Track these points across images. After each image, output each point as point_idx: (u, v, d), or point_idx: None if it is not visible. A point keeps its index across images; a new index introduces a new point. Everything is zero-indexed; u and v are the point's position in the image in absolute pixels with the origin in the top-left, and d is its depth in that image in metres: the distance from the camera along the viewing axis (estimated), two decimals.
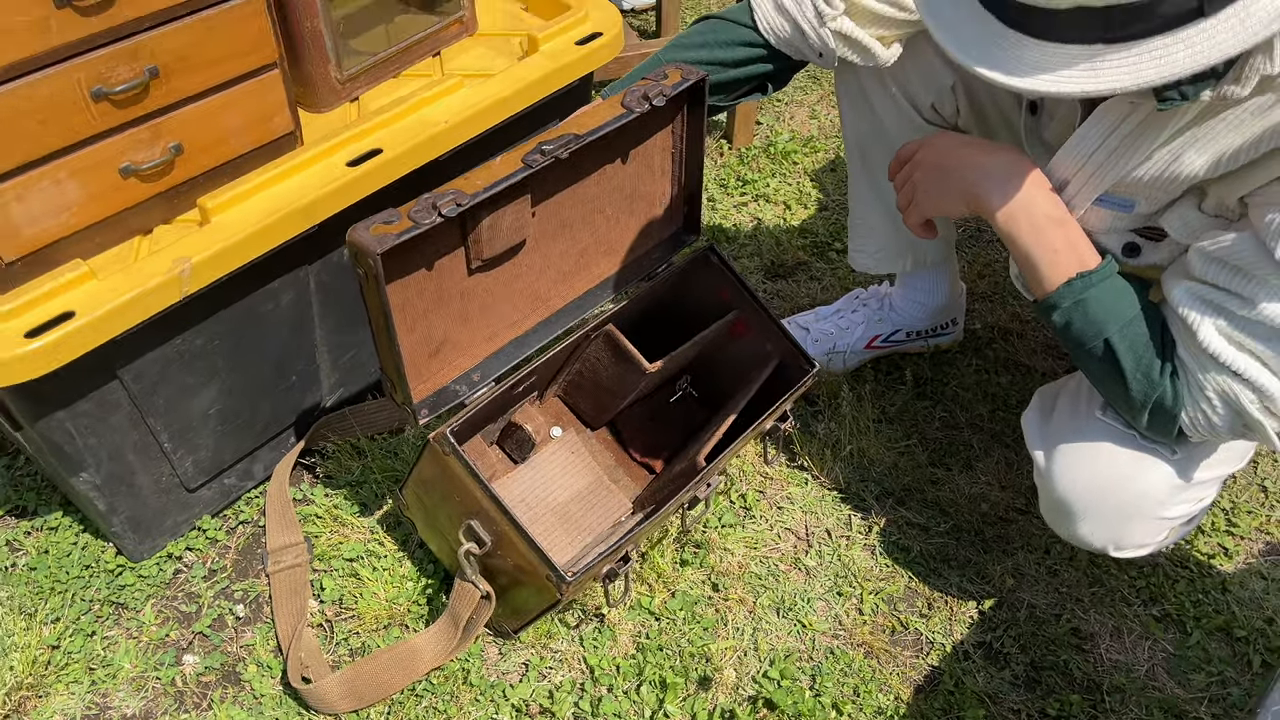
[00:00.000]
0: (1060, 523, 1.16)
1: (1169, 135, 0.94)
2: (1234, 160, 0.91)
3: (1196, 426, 1.01)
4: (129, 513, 1.30)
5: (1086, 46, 0.80)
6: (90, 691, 1.26)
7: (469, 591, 1.18)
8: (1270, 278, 0.91)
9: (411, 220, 0.99)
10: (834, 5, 1.16)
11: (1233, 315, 0.95)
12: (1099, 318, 1.02)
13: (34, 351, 1.03)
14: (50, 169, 1.07)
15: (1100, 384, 1.07)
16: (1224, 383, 0.97)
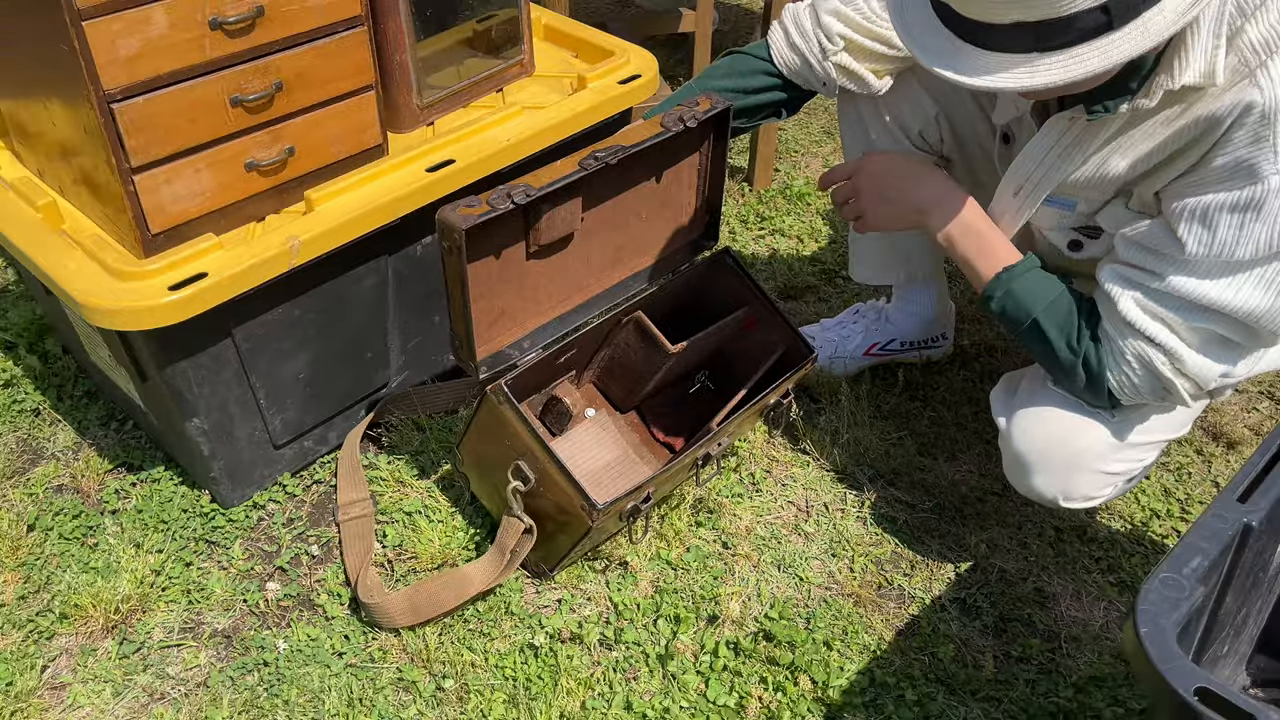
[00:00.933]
0: (1018, 477, 1.36)
1: (1099, 144, 1.17)
2: (1148, 161, 1.14)
3: (1123, 389, 1.23)
4: (226, 460, 1.53)
5: (1024, 55, 1.01)
6: (187, 610, 1.47)
7: (514, 525, 1.39)
8: (1176, 255, 1.13)
9: (489, 205, 1.23)
10: (835, 42, 1.40)
11: (1147, 288, 1.16)
12: (1026, 302, 1.26)
13: (175, 302, 1.27)
14: (193, 159, 1.33)
15: (1040, 359, 1.29)
16: (1140, 347, 1.18)
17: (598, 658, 1.40)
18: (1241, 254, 1.10)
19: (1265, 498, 1.02)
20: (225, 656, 1.41)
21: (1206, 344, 1.18)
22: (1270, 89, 1.03)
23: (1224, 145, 1.07)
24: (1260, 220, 1.07)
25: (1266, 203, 1.06)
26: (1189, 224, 1.11)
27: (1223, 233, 1.10)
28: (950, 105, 1.51)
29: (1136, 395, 1.23)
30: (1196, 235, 1.11)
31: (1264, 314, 1.13)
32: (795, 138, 2.59)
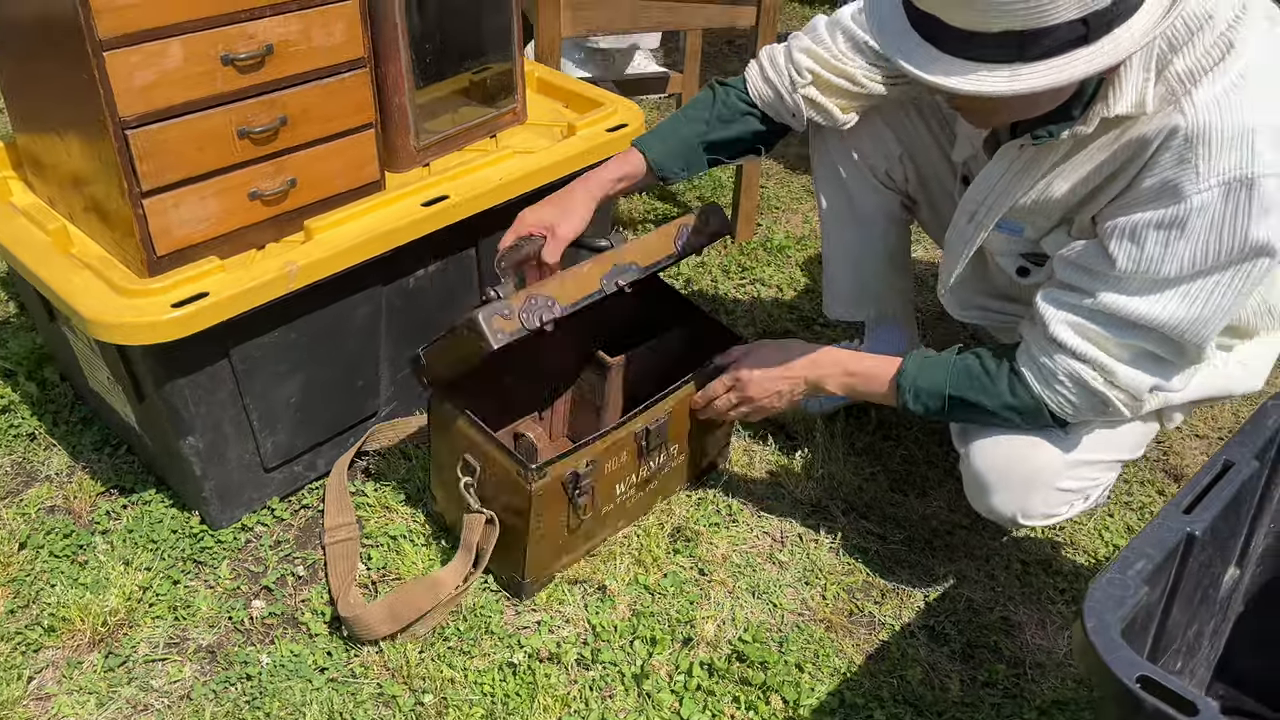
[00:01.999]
0: (978, 497, 1.42)
1: (1044, 170, 1.26)
2: (1086, 184, 1.23)
3: (1062, 409, 1.30)
4: (218, 480, 1.57)
5: (1007, 65, 1.07)
6: (173, 625, 1.50)
7: (474, 520, 1.45)
8: (1107, 272, 1.21)
9: (522, 324, 1.33)
10: (803, 76, 1.49)
11: (1078, 307, 1.24)
12: (931, 385, 1.38)
13: (176, 319, 1.33)
14: (200, 186, 1.40)
15: (979, 421, 1.39)
16: (1070, 365, 1.26)
17: (575, 676, 1.43)
18: (1167, 270, 1.17)
19: (1208, 511, 1.08)
20: (209, 671, 1.44)
21: (1136, 359, 1.25)
22: (1193, 114, 1.11)
23: (1151, 167, 1.16)
24: (1184, 238, 1.15)
25: (1190, 221, 1.14)
26: (1119, 241, 1.19)
27: (1150, 249, 1.17)
28: (914, 145, 1.60)
29: (1077, 413, 1.31)
30: (1126, 251, 1.19)
31: (1188, 328, 1.20)
32: (776, 194, 2.69)
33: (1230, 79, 1.12)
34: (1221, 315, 1.21)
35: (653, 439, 1.52)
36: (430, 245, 1.64)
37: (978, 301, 1.55)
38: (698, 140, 1.56)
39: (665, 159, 1.55)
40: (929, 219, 1.71)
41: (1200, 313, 1.19)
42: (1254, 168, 1.12)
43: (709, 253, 2.42)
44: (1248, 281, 1.20)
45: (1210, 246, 1.16)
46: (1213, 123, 1.12)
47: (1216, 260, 1.17)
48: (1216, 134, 1.12)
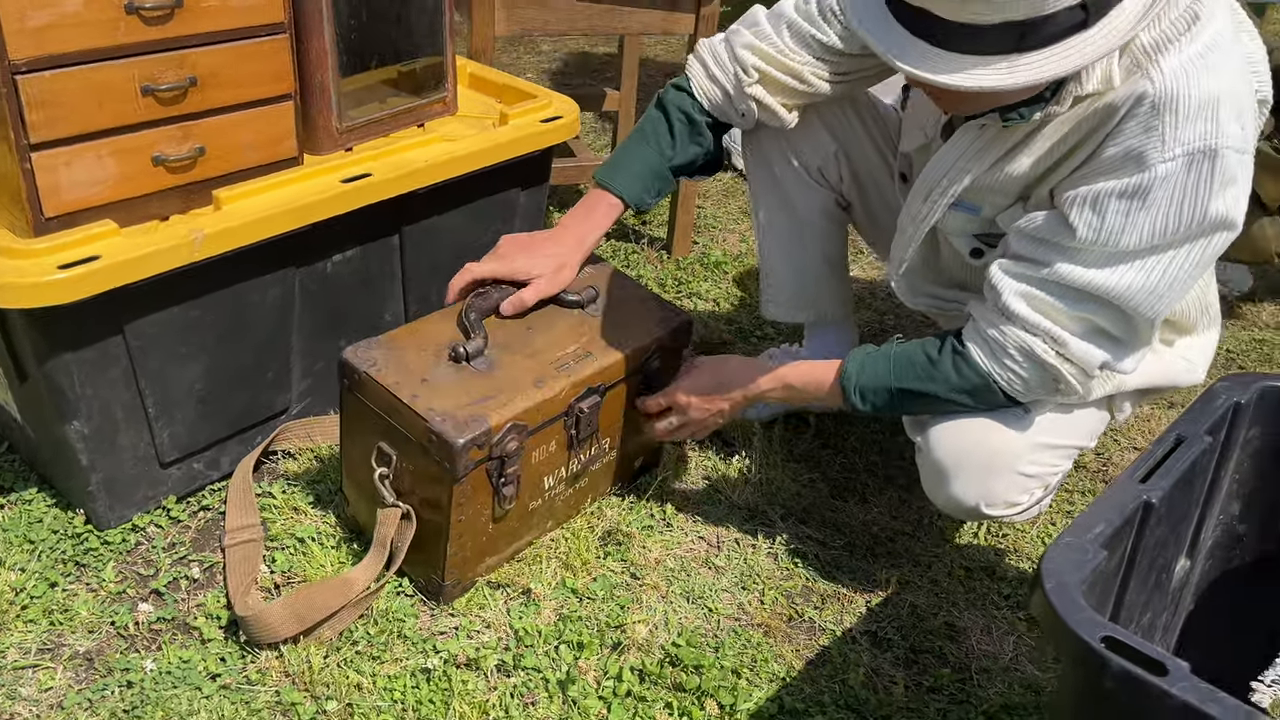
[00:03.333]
0: (937, 487, 1.36)
1: (1007, 148, 1.22)
2: (1050, 156, 1.19)
3: (1013, 384, 1.25)
4: (106, 473, 1.44)
5: (1004, 56, 1.04)
6: (47, 631, 1.35)
7: (389, 514, 1.35)
8: (1066, 242, 1.17)
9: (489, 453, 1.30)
10: (750, 74, 1.44)
11: (1032, 278, 1.20)
12: (875, 381, 1.33)
13: (63, 280, 1.22)
14: (96, 145, 1.29)
15: (933, 411, 1.35)
16: (1021, 337, 1.21)
17: (495, 683, 1.32)
18: (1127, 242, 1.14)
19: (1164, 479, 1.03)
20: (85, 678, 1.30)
21: (1088, 332, 1.21)
22: (1161, 81, 1.09)
23: (1116, 135, 1.13)
24: (1145, 209, 1.12)
25: (1153, 191, 1.11)
26: (1080, 210, 1.15)
27: (1111, 219, 1.14)
28: (849, 143, 1.57)
29: (1027, 389, 1.26)
30: (1087, 221, 1.15)
31: (1143, 299, 1.17)
32: (714, 214, 2.66)
33: (1197, 48, 1.10)
34: (1177, 289, 1.18)
35: (582, 427, 1.43)
36: (350, 229, 1.55)
37: (929, 289, 1.50)
38: (664, 166, 1.49)
39: (640, 193, 1.49)
40: (863, 220, 1.68)
41: (1156, 284, 1.16)
42: (1217, 139, 1.10)
43: (644, 265, 2.37)
44: (1205, 255, 1.17)
45: (1171, 218, 1.13)
46: (1180, 90, 1.09)
47: (1176, 233, 1.14)
48: (1184, 101, 1.09)
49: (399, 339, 1.41)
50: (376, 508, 1.39)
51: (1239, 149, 1.10)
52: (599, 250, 2.37)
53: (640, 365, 1.51)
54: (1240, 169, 1.11)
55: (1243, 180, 1.13)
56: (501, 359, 1.40)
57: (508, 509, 1.41)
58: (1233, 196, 1.12)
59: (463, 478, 1.30)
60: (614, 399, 1.49)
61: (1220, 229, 1.14)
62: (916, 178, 1.40)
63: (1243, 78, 1.12)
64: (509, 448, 1.33)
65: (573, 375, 1.40)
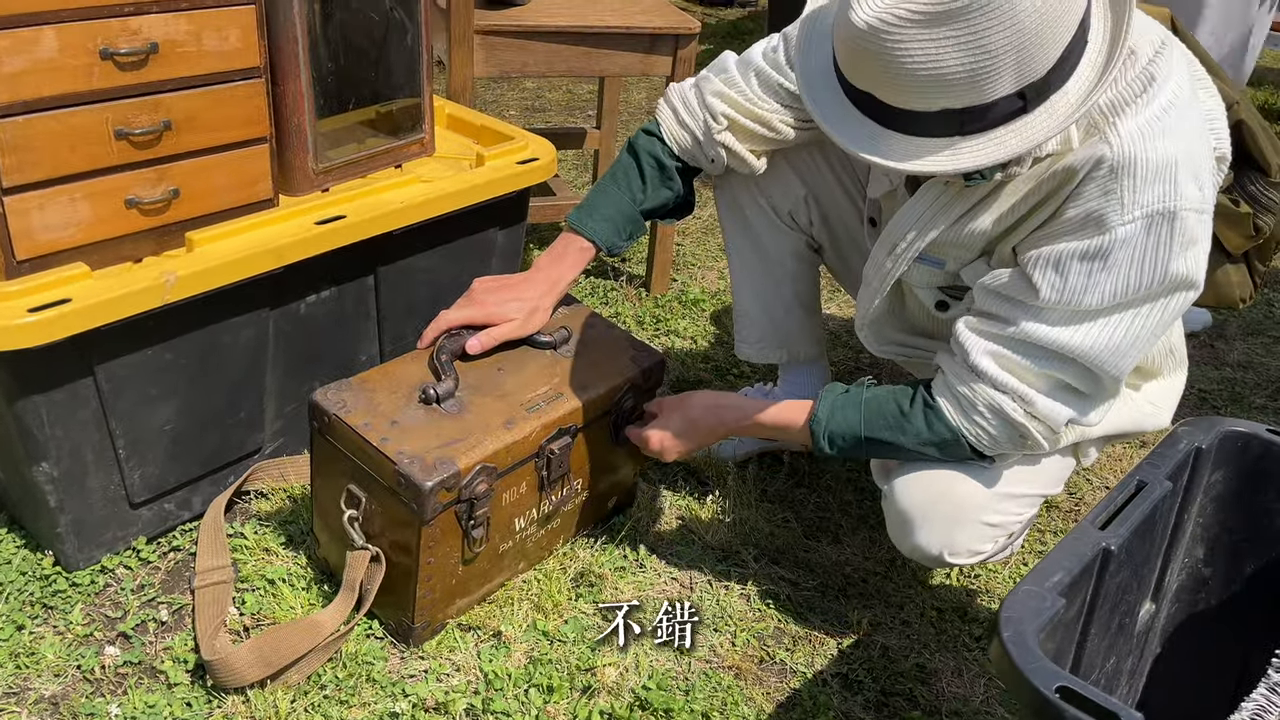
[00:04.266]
0: (901, 535, 1.36)
1: (970, 205, 1.23)
2: (1012, 214, 1.20)
3: (980, 440, 1.26)
4: (75, 514, 1.43)
5: (946, 139, 1.07)
6: (13, 674, 1.34)
7: (359, 557, 1.35)
8: (1030, 301, 1.18)
9: (459, 496, 1.30)
10: (719, 121, 1.46)
11: (998, 336, 1.21)
12: (845, 429, 1.34)
13: (33, 324, 1.22)
14: (69, 188, 1.30)
15: (898, 458, 1.36)
16: (989, 395, 1.22)
17: None
18: (1089, 301, 1.15)
19: (1123, 527, 1.04)
20: None
21: (1054, 390, 1.22)
22: (1119, 144, 1.10)
23: (1076, 198, 1.14)
24: (1107, 270, 1.13)
25: (1113, 253, 1.12)
26: (1043, 271, 1.17)
27: (1073, 280, 1.15)
28: (818, 188, 1.58)
29: (995, 444, 1.26)
30: (1050, 281, 1.16)
31: (1107, 358, 1.18)
32: (693, 252, 2.68)
33: (1154, 110, 1.12)
34: (1140, 346, 1.19)
35: (554, 468, 1.44)
36: (324, 270, 1.56)
37: (895, 337, 1.51)
38: (635, 210, 1.51)
39: (613, 237, 1.49)
40: (834, 262, 1.69)
41: (1120, 343, 1.17)
42: (1176, 201, 1.11)
43: (622, 303, 2.38)
44: (1166, 313, 1.19)
45: (1132, 279, 1.15)
46: (1137, 154, 1.11)
47: (1137, 292, 1.15)
48: (1141, 165, 1.11)
49: (370, 380, 1.41)
50: (346, 549, 1.39)
51: (1198, 209, 1.12)
52: (575, 289, 2.39)
53: (613, 405, 1.51)
54: (1200, 228, 1.13)
55: (1203, 240, 1.15)
56: (472, 401, 1.40)
57: (478, 551, 1.41)
58: (1193, 256, 1.14)
59: (431, 520, 1.30)
60: (586, 439, 1.49)
61: (1181, 288, 1.16)
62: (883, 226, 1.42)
63: (1200, 137, 1.14)
64: (478, 490, 1.33)
65: (543, 416, 1.40)
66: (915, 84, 1.02)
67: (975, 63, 1.00)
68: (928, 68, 1.01)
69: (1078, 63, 1.06)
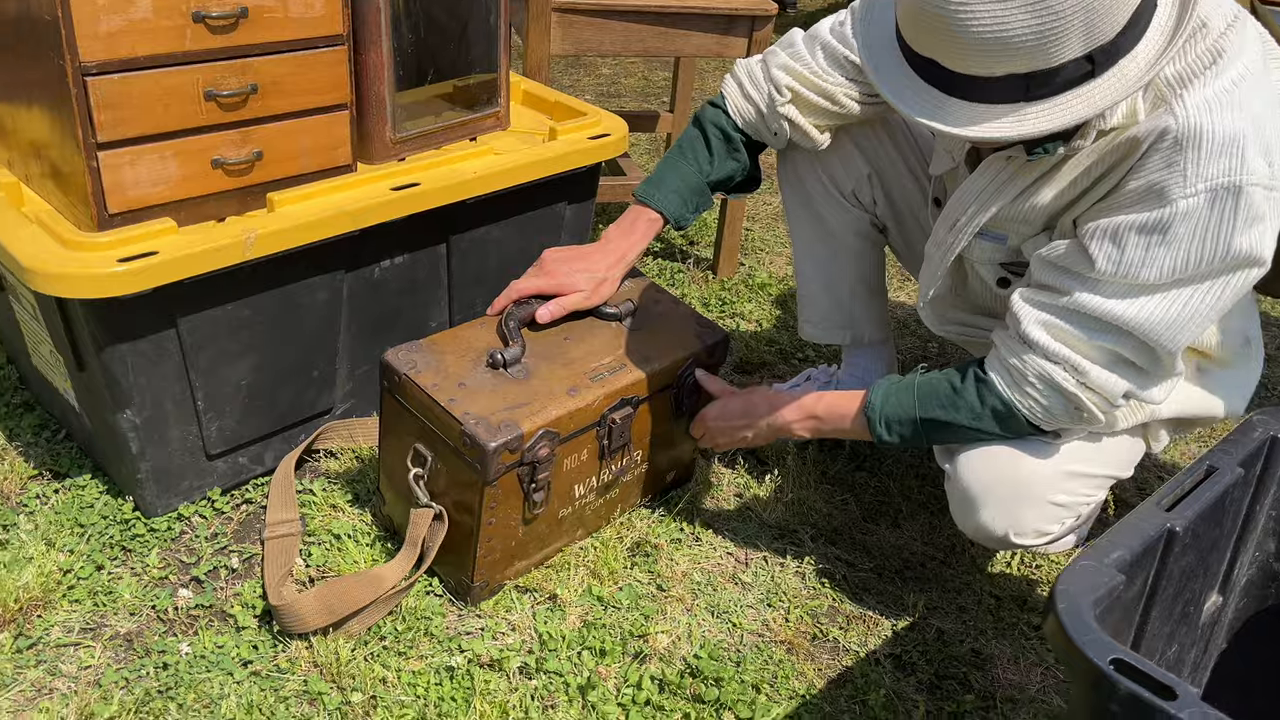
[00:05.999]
0: (965, 515, 1.35)
1: (1032, 179, 1.22)
2: (1074, 188, 1.19)
3: (1034, 412, 1.25)
4: (155, 462, 1.49)
5: (1011, 105, 1.05)
6: (91, 611, 1.40)
7: (422, 514, 1.38)
8: (1086, 272, 1.16)
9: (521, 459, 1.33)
10: (783, 94, 1.46)
11: (1052, 306, 1.20)
12: (900, 412, 1.33)
13: (121, 273, 1.27)
14: (160, 146, 1.35)
15: (956, 440, 1.34)
16: (1041, 365, 1.21)
17: (516, 685, 1.34)
18: (1147, 275, 1.13)
19: (1190, 508, 1.02)
20: (123, 658, 1.34)
21: (1110, 362, 1.20)
22: (1184, 116, 1.08)
23: (1138, 170, 1.12)
24: (1165, 245, 1.11)
25: (1173, 227, 1.10)
26: (1100, 242, 1.15)
27: (1130, 252, 1.13)
28: (882, 166, 1.57)
29: (1050, 416, 1.25)
30: (1106, 253, 1.14)
31: (1163, 332, 1.15)
32: (762, 238, 2.67)
33: (1223, 83, 1.09)
34: (1198, 323, 1.16)
35: (614, 437, 1.45)
36: (398, 236, 1.60)
37: (956, 316, 1.50)
38: (702, 181, 1.52)
39: (680, 210, 1.51)
40: (898, 243, 1.68)
41: (1176, 318, 1.15)
42: (1242, 175, 1.09)
43: (689, 285, 2.39)
44: (1228, 290, 1.16)
45: (1192, 254, 1.12)
46: (1203, 126, 1.09)
47: (1197, 268, 1.13)
48: (1207, 138, 1.09)
49: (440, 343, 1.45)
50: (410, 507, 1.43)
51: (1266, 185, 1.09)
52: (642, 266, 2.40)
53: (675, 379, 1.52)
54: (1267, 205, 1.10)
55: (1271, 217, 1.11)
56: (538, 367, 1.43)
57: (538, 514, 1.43)
58: (1258, 233, 1.11)
59: (494, 480, 1.33)
60: (647, 411, 1.51)
61: (1244, 266, 1.13)
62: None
63: (1272, 113, 1.11)
64: (540, 454, 1.36)
65: (606, 385, 1.42)
66: (980, 48, 1.01)
67: (1043, 25, 0.98)
68: (993, 30, 0.99)
69: (1146, 27, 1.03)
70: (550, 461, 1.38)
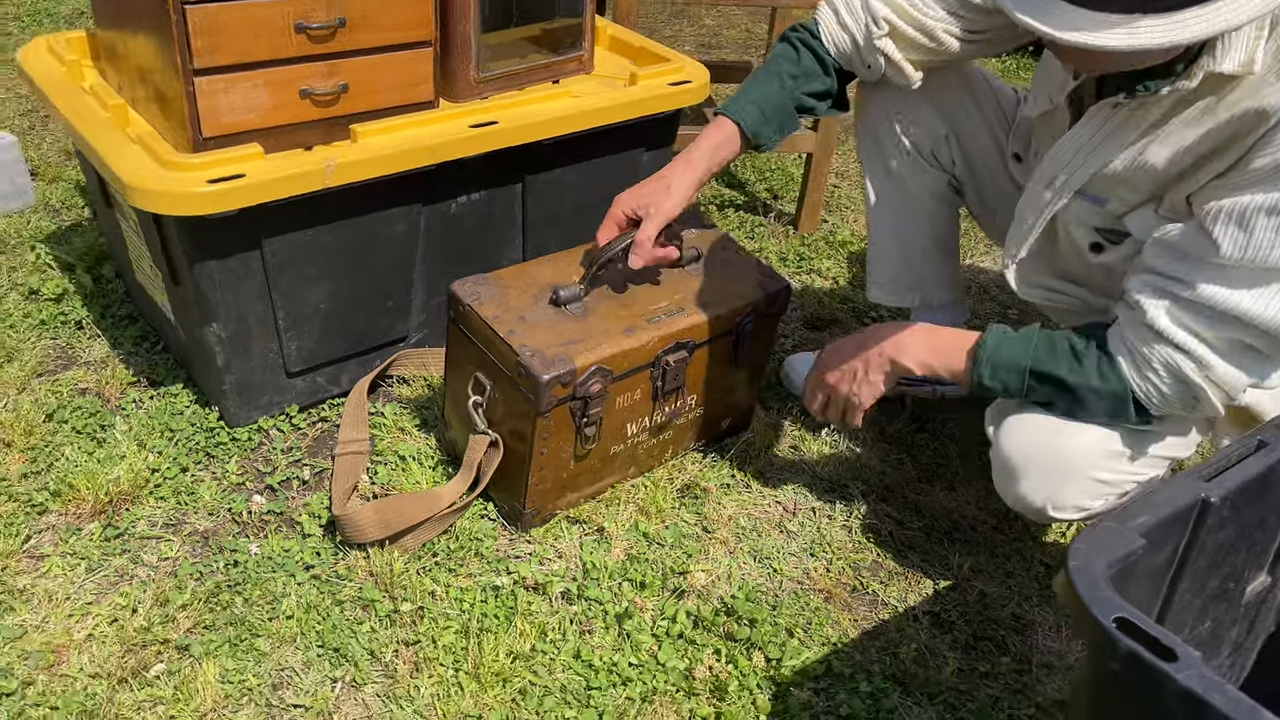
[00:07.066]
0: (1005, 484, 1.33)
1: (1139, 133, 1.17)
2: (1189, 153, 1.13)
3: (1150, 398, 1.20)
4: (238, 375, 1.58)
5: (1126, 15, 0.98)
6: (174, 509, 1.51)
7: (479, 440, 1.44)
8: (1209, 258, 1.11)
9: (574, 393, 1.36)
10: (880, 26, 1.42)
11: (1176, 297, 1.15)
12: (1011, 360, 1.27)
13: (210, 193, 1.35)
14: (252, 74, 1.42)
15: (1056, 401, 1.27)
16: (1167, 354, 1.16)
17: (557, 608, 1.40)
18: (1277, 259, 1.08)
19: (1232, 480, 1.00)
20: (199, 553, 1.45)
21: (1235, 352, 1.15)
22: None
23: (1265, 145, 1.06)
24: None
25: None
26: (1224, 225, 1.10)
27: (1259, 235, 1.08)
28: (960, 126, 1.54)
29: (1165, 404, 1.21)
30: (1232, 237, 1.09)
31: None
32: (848, 195, 2.65)
33: None
34: None
35: (669, 379, 1.49)
36: (475, 173, 1.65)
37: (1042, 280, 1.45)
38: (789, 100, 1.47)
39: (761, 125, 1.45)
40: (975, 205, 1.65)
41: None
42: None
43: (768, 239, 2.39)
44: None
45: None
46: None
47: None
48: None
49: (506, 278, 1.49)
50: (470, 433, 1.49)
51: None
52: (723, 218, 2.41)
53: (734, 326, 1.54)
54: None
55: None
56: (597, 306, 1.46)
57: (589, 449, 1.48)
58: None
59: (546, 412, 1.37)
60: (703, 356, 1.53)
61: None
62: (1034, 156, 1.37)
63: None
64: (592, 390, 1.40)
65: (662, 328, 1.45)
66: None
67: None
68: None
69: None
70: (603, 398, 1.42)
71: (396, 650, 1.32)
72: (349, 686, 1.28)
